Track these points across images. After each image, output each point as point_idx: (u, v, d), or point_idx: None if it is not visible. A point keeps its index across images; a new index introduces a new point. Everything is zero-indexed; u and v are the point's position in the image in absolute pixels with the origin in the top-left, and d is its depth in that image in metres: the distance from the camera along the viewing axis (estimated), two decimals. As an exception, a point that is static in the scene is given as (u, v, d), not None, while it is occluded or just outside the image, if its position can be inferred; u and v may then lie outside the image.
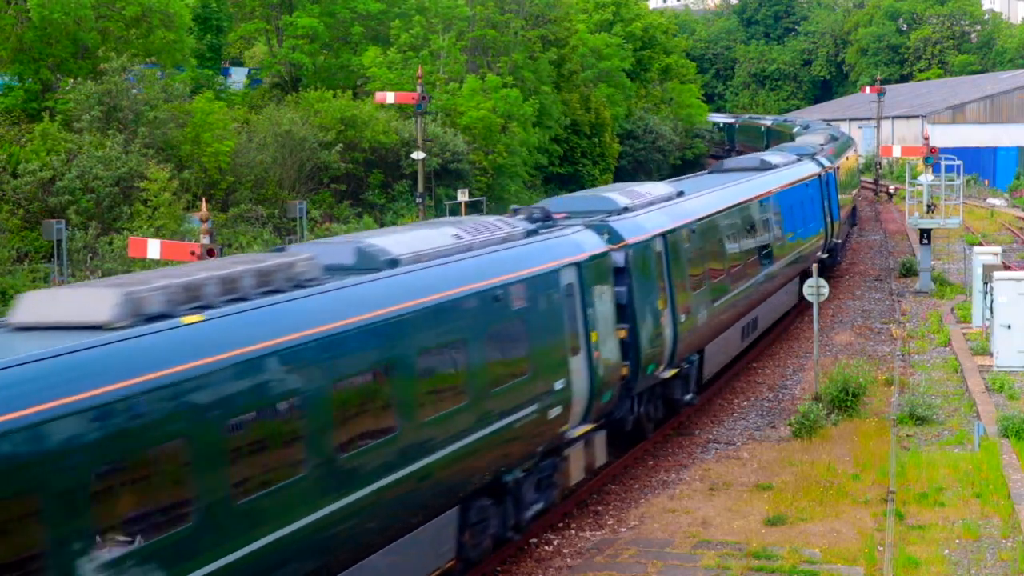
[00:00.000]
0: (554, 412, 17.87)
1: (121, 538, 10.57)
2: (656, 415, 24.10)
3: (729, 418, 26.56)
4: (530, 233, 19.14)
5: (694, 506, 20.15)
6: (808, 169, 38.59)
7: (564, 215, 21.82)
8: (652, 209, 24.00)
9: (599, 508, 20.60)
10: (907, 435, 24.21)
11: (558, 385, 17.97)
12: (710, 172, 37.50)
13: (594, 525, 19.67)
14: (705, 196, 27.93)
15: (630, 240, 21.59)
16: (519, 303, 17.03)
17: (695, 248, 25.13)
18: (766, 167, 35.63)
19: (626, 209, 22.95)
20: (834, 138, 55.63)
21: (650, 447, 23.99)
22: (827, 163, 41.84)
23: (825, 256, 39.50)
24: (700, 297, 25.14)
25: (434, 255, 16.10)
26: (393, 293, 14.56)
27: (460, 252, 16.64)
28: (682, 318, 23.63)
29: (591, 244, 20.03)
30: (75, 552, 10.08)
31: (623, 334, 20.89)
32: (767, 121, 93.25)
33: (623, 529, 19.27)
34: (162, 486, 11.16)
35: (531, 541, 18.78)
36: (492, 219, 19.14)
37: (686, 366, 24.52)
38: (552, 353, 17.98)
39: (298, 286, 13.69)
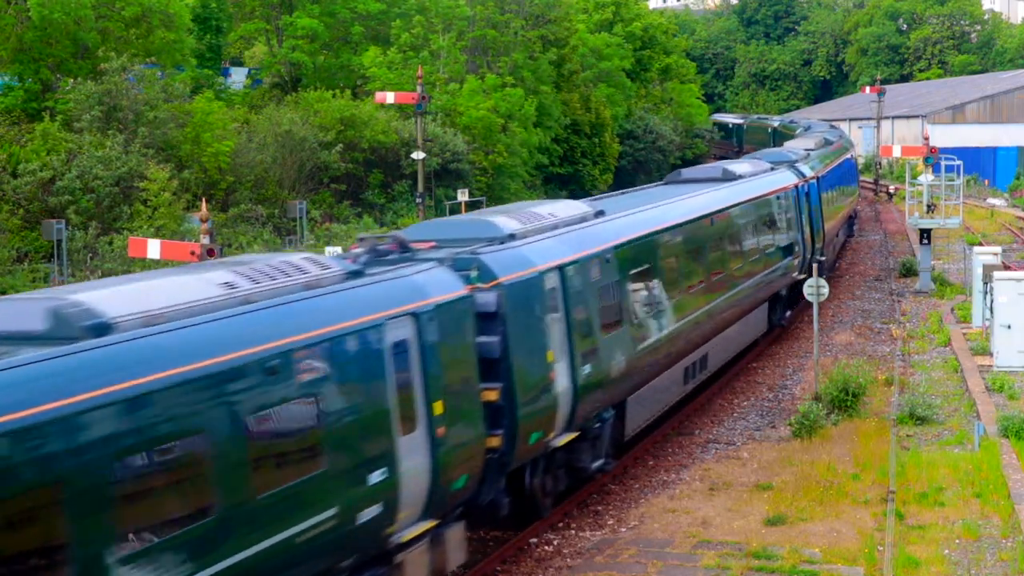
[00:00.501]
0: (368, 513, 13.72)
1: None
2: (557, 488, 19.84)
3: (729, 418, 26.57)
4: (352, 275, 14.71)
5: (694, 506, 20.15)
6: (783, 179, 35.19)
7: (431, 244, 17.97)
8: (550, 235, 19.78)
9: (599, 508, 20.60)
10: (907, 435, 24.22)
11: (375, 477, 13.80)
12: (664, 183, 34.00)
13: (594, 525, 19.67)
14: (632, 216, 23.69)
15: (506, 277, 17.34)
16: (310, 373, 12.95)
17: (610, 281, 20.86)
18: (728, 178, 31.81)
19: (512, 236, 18.74)
20: (828, 142, 53.36)
21: (650, 447, 24.03)
22: (808, 172, 38.40)
23: (803, 277, 33.76)
24: (616, 341, 20.78)
25: (180, 314, 11.98)
26: (86, 373, 10.59)
27: (228, 307, 12.52)
28: (585, 369, 19.29)
29: (441, 286, 15.72)
30: None
31: (493, 396, 16.82)
32: (774, 122, 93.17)
33: (623, 529, 19.27)
34: None
35: (531, 541, 18.80)
36: (298, 258, 14.70)
37: (596, 426, 20.22)
38: (364, 436, 13.80)
39: None
